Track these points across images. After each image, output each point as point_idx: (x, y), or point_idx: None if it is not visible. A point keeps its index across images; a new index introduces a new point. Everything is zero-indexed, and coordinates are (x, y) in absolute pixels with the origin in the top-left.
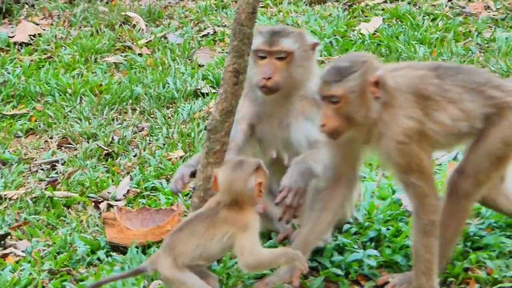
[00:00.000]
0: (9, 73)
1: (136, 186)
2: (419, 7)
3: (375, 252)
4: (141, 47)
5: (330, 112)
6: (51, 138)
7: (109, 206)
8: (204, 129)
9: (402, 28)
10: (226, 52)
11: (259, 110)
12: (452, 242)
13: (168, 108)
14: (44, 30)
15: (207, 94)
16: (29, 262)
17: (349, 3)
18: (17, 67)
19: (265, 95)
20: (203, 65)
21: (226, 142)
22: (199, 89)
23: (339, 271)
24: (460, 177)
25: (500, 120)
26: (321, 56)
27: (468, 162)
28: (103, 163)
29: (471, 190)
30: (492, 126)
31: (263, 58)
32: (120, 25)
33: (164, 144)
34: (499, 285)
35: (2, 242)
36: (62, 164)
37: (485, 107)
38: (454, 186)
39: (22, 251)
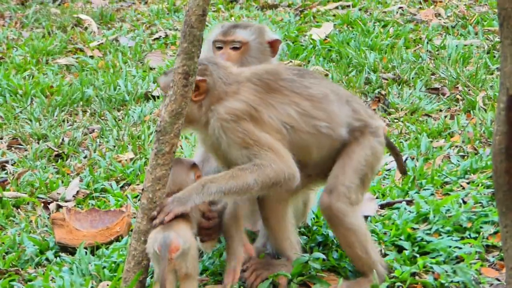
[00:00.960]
0: None
1: (86, 187)
2: (370, 13)
3: (322, 255)
4: (93, 50)
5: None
6: (1, 138)
7: (59, 207)
8: (155, 131)
9: (353, 34)
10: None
11: None
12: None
13: (119, 110)
14: None
15: (158, 97)
16: None
17: (300, 9)
18: None
19: None
20: (154, 68)
21: (175, 143)
22: (150, 91)
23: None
24: (331, 196)
25: (362, 139)
26: None
27: (336, 180)
28: (53, 164)
29: (345, 208)
30: (356, 142)
31: (219, 48)
32: (72, 27)
33: (114, 146)
34: None
35: None
36: (12, 165)
37: (350, 118)
38: (327, 208)
39: None
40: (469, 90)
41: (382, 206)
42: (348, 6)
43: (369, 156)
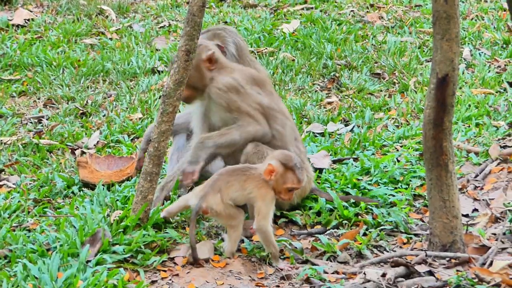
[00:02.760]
0: (7, 47)
1: (104, 138)
2: (329, 14)
3: None
4: (112, 33)
5: None
6: (38, 99)
7: (82, 152)
8: (159, 97)
9: (315, 29)
10: (178, 40)
11: None
12: None
13: (131, 80)
14: (36, 16)
15: (162, 71)
16: (18, 192)
17: (274, 8)
18: (14, 43)
19: None
20: (159, 49)
21: (177, 105)
22: (156, 67)
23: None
24: None
25: None
26: (251, 47)
27: None
28: (79, 120)
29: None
30: None
31: None
32: (96, 15)
33: (127, 108)
34: (381, 227)
35: None
36: (47, 119)
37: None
38: None
39: (13, 184)
40: (403, 76)
41: (334, 162)
42: (312, 7)
43: None
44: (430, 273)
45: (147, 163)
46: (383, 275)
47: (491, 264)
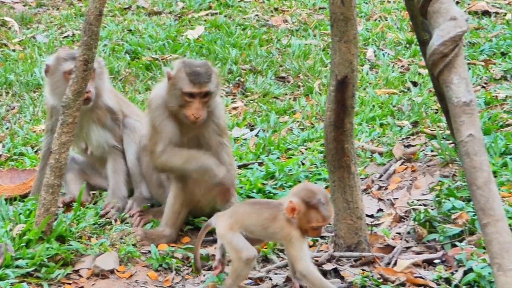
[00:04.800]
0: None
1: (7, 152)
2: (233, 19)
3: None
4: (15, 45)
5: (201, 106)
6: None
7: None
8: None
9: (220, 35)
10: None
11: None
12: None
13: (34, 92)
14: None
15: None
16: None
17: (179, 15)
18: None
19: (85, 105)
20: None
21: (76, 116)
22: None
23: None
24: None
25: None
26: (156, 54)
27: None
28: None
29: None
30: None
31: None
32: None
33: (30, 120)
34: None
35: None
36: None
37: None
38: None
39: None
40: (308, 78)
41: (240, 167)
42: (216, 13)
43: None
44: (336, 274)
45: (49, 175)
46: (288, 279)
47: (396, 263)
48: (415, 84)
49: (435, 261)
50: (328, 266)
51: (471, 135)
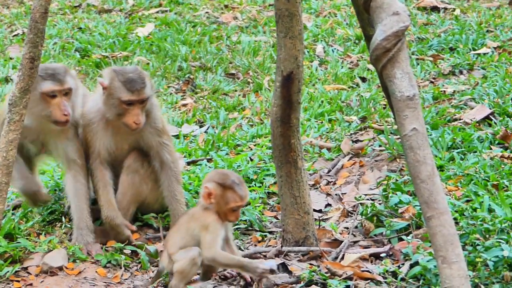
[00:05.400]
0: None
1: None
2: (183, 16)
3: None
4: None
5: (140, 112)
6: None
7: None
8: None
9: (170, 32)
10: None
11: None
12: None
13: None
14: None
15: None
16: None
17: (129, 13)
18: None
19: (63, 127)
20: (13, 58)
21: (24, 113)
22: (9, 76)
23: None
24: None
25: None
26: (106, 52)
27: None
28: None
29: None
30: None
31: (54, 97)
32: None
33: None
34: (236, 226)
35: None
36: None
37: None
38: None
39: None
40: (257, 75)
41: (189, 163)
42: (167, 10)
43: None
44: (284, 268)
45: None
46: (239, 275)
47: (343, 257)
48: (363, 79)
49: (382, 255)
50: (275, 261)
51: (415, 129)
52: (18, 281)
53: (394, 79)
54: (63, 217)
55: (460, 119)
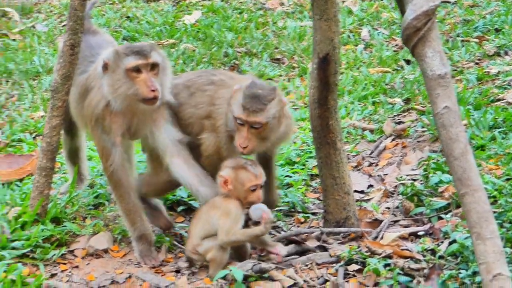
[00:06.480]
0: None
1: (6, 138)
2: (230, 3)
3: None
4: (15, 34)
5: (251, 136)
6: None
7: None
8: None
9: (216, 19)
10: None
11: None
12: None
13: (34, 80)
14: None
15: None
16: None
17: (177, 1)
18: None
19: (152, 105)
20: None
21: (66, 99)
22: None
23: None
24: None
25: None
26: (153, 40)
27: None
28: None
29: None
30: None
31: (139, 72)
32: None
33: (29, 107)
34: (278, 208)
35: None
36: None
37: None
38: None
39: None
40: (303, 60)
41: None
42: None
43: None
44: (324, 248)
45: (41, 158)
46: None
47: (383, 237)
48: (408, 62)
49: (421, 233)
50: (314, 244)
51: (447, 107)
52: (64, 263)
53: (426, 58)
54: (106, 202)
55: (503, 99)
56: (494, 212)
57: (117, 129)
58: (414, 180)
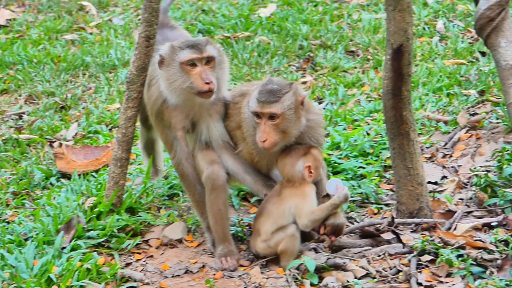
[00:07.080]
0: None
1: (82, 130)
2: None
3: None
4: (92, 28)
5: (269, 129)
6: (20, 96)
7: (60, 145)
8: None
9: (291, 12)
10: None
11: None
12: None
13: (110, 73)
14: (18, 15)
15: None
16: None
17: None
18: None
19: (207, 98)
20: None
21: (141, 91)
22: None
23: None
24: None
25: None
26: (228, 32)
27: None
28: (59, 113)
29: None
30: None
31: (194, 66)
32: (76, 11)
33: (105, 99)
34: (350, 198)
35: None
36: (27, 115)
37: None
38: None
39: None
40: (377, 52)
41: None
42: None
43: None
44: (397, 239)
45: (116, 149)
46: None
47: (456, 228)
48: (483, 54)
49: (494, 224)
50: (388, 235)
51: None
52: (139, 253)
53: (499, 48)
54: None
55: None
56: None
57: (177, 123)
58: (488, 171)
